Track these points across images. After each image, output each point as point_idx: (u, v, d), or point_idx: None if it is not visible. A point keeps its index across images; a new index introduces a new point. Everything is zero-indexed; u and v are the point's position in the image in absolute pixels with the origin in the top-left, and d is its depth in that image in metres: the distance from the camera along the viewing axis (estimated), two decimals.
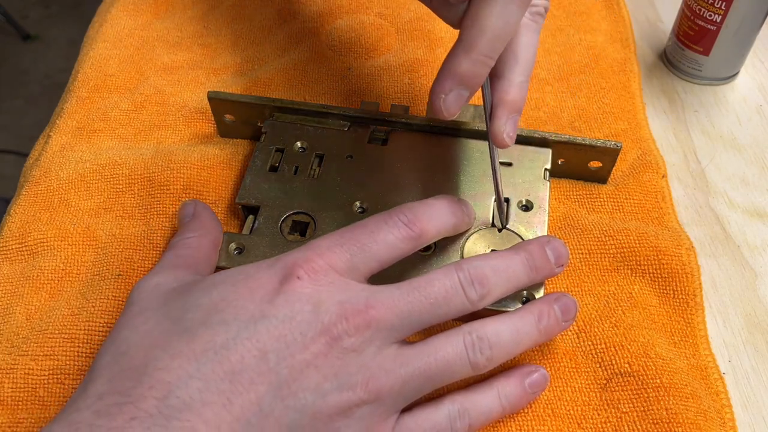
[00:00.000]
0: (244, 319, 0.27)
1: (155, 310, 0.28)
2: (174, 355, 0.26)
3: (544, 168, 0.39)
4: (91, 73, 0.49)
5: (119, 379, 0.25)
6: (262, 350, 0.26)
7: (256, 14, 0.54)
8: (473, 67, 0.30)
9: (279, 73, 0.48)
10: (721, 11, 0.45)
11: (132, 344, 0.27)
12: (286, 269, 0.28)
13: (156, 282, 0.30)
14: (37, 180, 0.41)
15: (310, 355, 0.26)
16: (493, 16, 0.29)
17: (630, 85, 0.48)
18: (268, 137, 0.41)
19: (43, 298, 0.37)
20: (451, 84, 0.30)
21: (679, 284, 0.36)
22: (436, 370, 0.28)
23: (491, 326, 0.30)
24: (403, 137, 0.41)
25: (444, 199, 0.34)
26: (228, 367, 0.25)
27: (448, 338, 0.29)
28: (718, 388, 0.34)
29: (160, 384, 0.25)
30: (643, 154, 0.43)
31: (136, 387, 0.25)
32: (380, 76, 0.49)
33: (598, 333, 0.35)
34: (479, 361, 0.29)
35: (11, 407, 0.33)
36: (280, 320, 0.27)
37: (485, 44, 0.29)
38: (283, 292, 0.27)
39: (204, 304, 0.28)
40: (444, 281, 0.29)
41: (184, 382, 0.25)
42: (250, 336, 0.26)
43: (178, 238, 0.35)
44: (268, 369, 0.26)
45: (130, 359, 0.26)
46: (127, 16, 0.54)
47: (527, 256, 0.32)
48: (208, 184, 0.41)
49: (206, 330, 0.26)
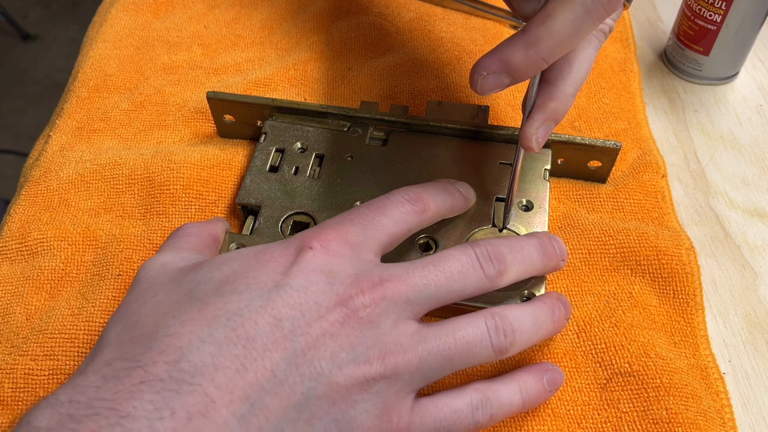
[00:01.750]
0: (257, 288, 0.26)
1: (164, 285, 0.28)
2: (185, 322, 0.25)
3: (544, 168, 0.39)
4: (91, 73, 0.49)
5: (129, 345, 0.25)
6: (276, 317, 0.25)
7: (256, 14, 0.54)
8: (526, 62, 0.29)
9: (279, 73, 0.48)
10: (721, 11, 0.45)
11: (142, 314, 0.27)
12: (298, 242, 0.28)
13: (163, 261, 0.30)
14: (37, 180, 0.41)
15: (326, 323, 0.26)
16: (566, 22, 0.28)
17: (630, 85, 0.48)
18: (268, 137, 0.41)
19: (42, 298, 0.37)
20: (497, 67, 0.29)
21: (679, 284, 0.36)
22: (455, 351, 0.28)
23: (513, 311, 0.29)
24: (403, 137, 0.41)
25: (441, 180, 0.35)
26: (241, 333, 0.25)
27: (470, 319, 0.28)
28: (718, 388, 0.34)
29: (170, 349, 0.24)
30: (643, 153, 0.43)
31: (146, 352, 0.24)
32: (380, 76, 0.48)
33: (598, 333, 0.35)
34: (502, 344, 0.28)
35: (11, 407, 0.33)
36: (295, 289, 0.26)
37: (548, 46, 0.28)
38: (297, 263, 0.27)
39: (216, 277, 0.27)
40: (460, 257, 0.29)
41: (195, 346, 0.24)
42: (264, 304, 0.26)
43: (177, 228, 0.35)
44: (283, 336, 0.25)
45: (140, 328, 0.26)
46: (127, 16, 0.54)
47: (540, 242, 0.32)
48: (208, 184, 0.41)
49: (218, 298, 0.26)
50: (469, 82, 0.31)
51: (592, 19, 0.28)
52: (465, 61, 0.50)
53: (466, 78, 0.49)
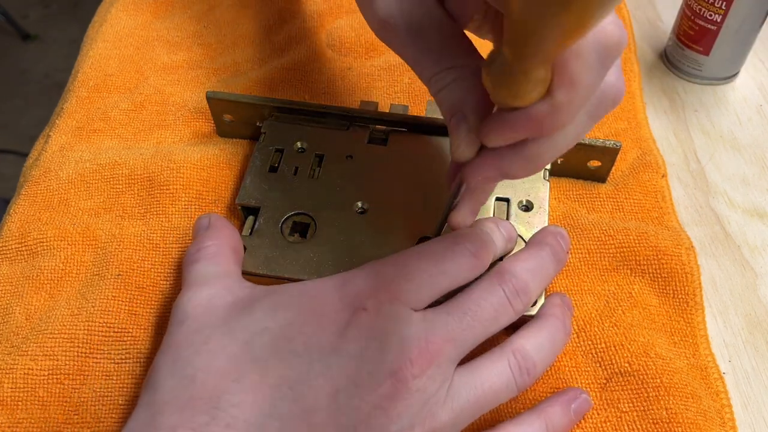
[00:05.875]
0: (315, 351, 0.26)
1: (215, 328, 0.28)
2: (247, 389, 0.25)
3: (543, 168, 0.39)
4: (91, 73, 0.49)
5: (190, 410, 0.25)
6: (334, 388, 0.26)
7: (256, 14, 0.54)
8: (526, 172, 0.27)
9: (279, 73, 0.48)
10: (721, 11, 0.45)
11: (198, 368, 0.26)
12: (352, 297, 0.28)
13: (208, 295, 0.29)
14: (37, 180, 0.41)
15: (377, 397, 0.26)
16: (569, 137, 0.26)
17: (630, 85, 0.48)
18: (268, 137, 0.41)
19: (42, 298, 0.37)
20: (494, 175, 0.27)
21: (679, 284, 0.36)
22: (484, 400, 0.28)
23: (532, 341, 0.30)
24: (403, 137, 0.41)
25: (492, 222, 0.33)
26: (303, 406, 0.25)
27: (494, 364, 0.29)
28: (718, 388, 0.34)
29: (236, 423, 0.24)
30: (643, 153, 0.43)
31: (210, 424, 0.24)
32: (380, 76, 0.48)
33: (598, 332, 0.35)
34: (526, 383, 0.29)
35: (11, 407, 0.33)
36: (351, 356, 0.26)
37: (550, 159, 0.26)
38: (351, 326, 0.27)
39: (271, 328, 0.27)
40: (491, 299, 0.29)
41: (261, 422, 0.24)
42: (324, 372, 0.26)
43: (195, 247, 0.33)
44: (338, 409, 0.26)
45: (199, 388, 0.25)
46: (127, 16, 0.54)
47: (552, 251, 0.32)
48: (208, 184, 0.41)
49: (278, 362, 0.26)
50: (461, 177, 0.29)
51: (595, 122, 0.26)
52: None
53: None
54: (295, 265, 0.35)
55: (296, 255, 0.35)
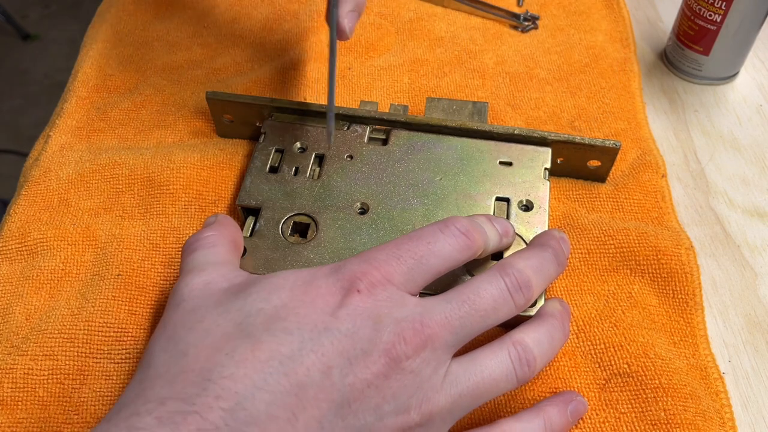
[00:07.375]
0: (307, 329, 0.26)
1: (210, 308, 0.28)
2: (239, 362, 0.25)
3: (543, 167, 0.39)
4: (91, 72, 0.49)
5: (181, 382, 0.25)
6: (326, 365, 0.26)
7: (256, 14, 0.54)
8: None
9: (279, 73, 0.48)
10: (721, 11, 0.45)
11: (190, 344, 0.26)
12: (345, 280, 0.28)
13: (206, 280, 0.30)
14: (37, 180, 0.41)
15: (370, 374, 0.26)
16: None
17: (630, 85, 0.48)
18: (268, 138, 0.41)
19: (42, 298, 0.37)
20: None
21: (678, 284, 0.36)
22: (483, 388, 0.28)
23: (531, 335, 0.30)
24: (403, 137, 0.41)
25: (485, 216, 0.34)
26: (294, 380, 0.25)
27: (494, 353, 0.29)
28: (718, 388, 0.34)
29: (226, 393, 0.24)
30: (643, 153, 0.43)
31: (201, 395, 0.24)
32: (380, 76, 0.48)
33: (598, 333, 0.35)
34: (526, 375, 0.29)
35: (11, 407, 0.33)
36: (344, 334, 0.26)
37: None
38: (344, 305, 0.27)
39: (265, 309, 0.27)
40: (492, 290, 0.29)
41: (251, 393, 0.24)
42: (315, 348, 0.26)
43: (195, 237, 0.33)
44: (331, 385, 0.25)
45: (190, 361, 0.26)
46: (127, 16, 0.54)
47: (554, 253, 0.32)
48: (208, 184, 0.41)
49: (270, 337, 0.26)
50: None
51: None
52: (465, 61, 0.50)
53: (466, 77, 0.49)
54: (295, 266, 0.35)
55: (297, 256, 0.35)
